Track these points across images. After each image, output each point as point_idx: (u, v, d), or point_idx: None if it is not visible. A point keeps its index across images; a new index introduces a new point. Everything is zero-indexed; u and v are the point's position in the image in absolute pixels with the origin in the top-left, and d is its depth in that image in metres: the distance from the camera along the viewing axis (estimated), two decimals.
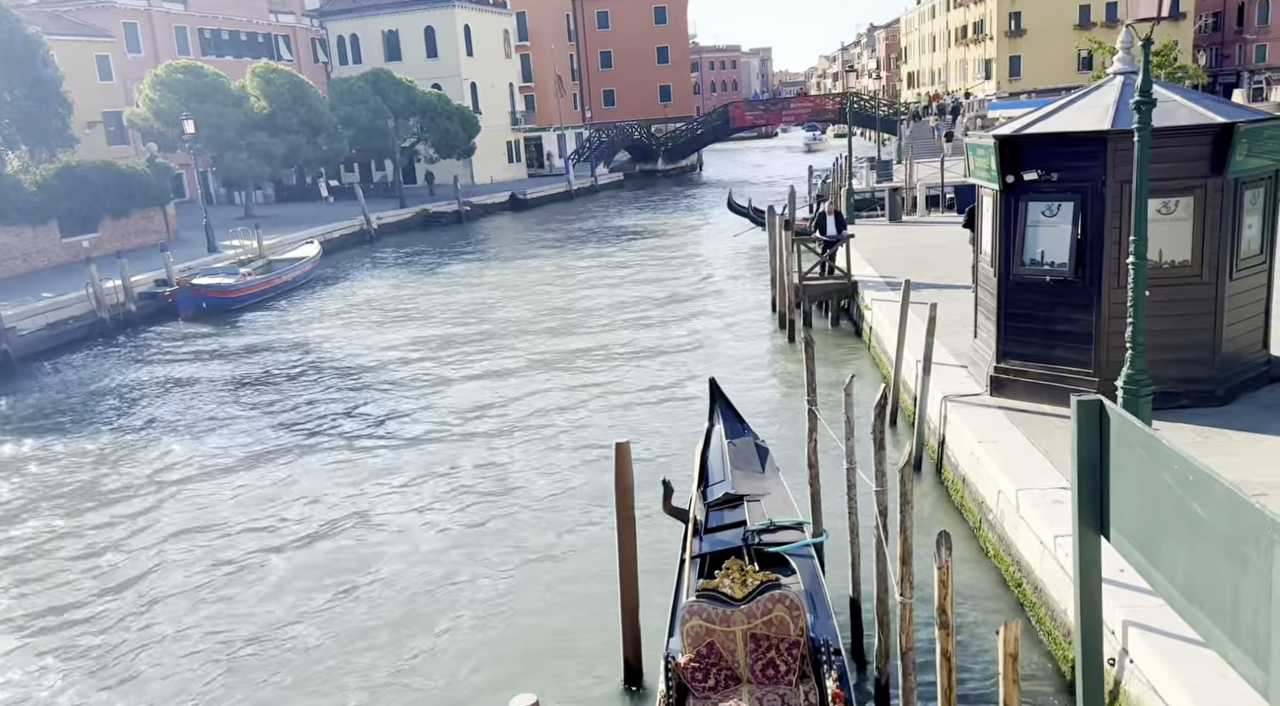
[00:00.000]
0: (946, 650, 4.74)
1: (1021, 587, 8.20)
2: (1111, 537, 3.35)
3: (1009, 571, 8.51)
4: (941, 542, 4.72)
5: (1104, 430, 3.20)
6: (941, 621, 4.75)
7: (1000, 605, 8.30)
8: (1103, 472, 3.24)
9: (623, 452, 7.43)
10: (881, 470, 6.48)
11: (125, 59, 46.04)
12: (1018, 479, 8.53)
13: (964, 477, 10.05)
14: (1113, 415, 3.18)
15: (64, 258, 29.64)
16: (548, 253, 34.71)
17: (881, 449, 6.48)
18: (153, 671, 8.42)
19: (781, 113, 69.49)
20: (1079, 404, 3.34)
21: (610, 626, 8.30)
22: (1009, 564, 8.52)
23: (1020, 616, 8.08)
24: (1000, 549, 8.76)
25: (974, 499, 9.66)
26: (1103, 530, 3.35)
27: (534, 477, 12.41)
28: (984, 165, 10.85)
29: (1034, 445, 9.35)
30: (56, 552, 11.03)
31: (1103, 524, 3.31)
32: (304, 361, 19.81)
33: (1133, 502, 3.09)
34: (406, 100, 49.29)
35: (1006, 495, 8.58)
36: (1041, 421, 9.97)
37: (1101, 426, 3.19)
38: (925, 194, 29.12)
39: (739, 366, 17.14)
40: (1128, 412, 3.18)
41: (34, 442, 15.37)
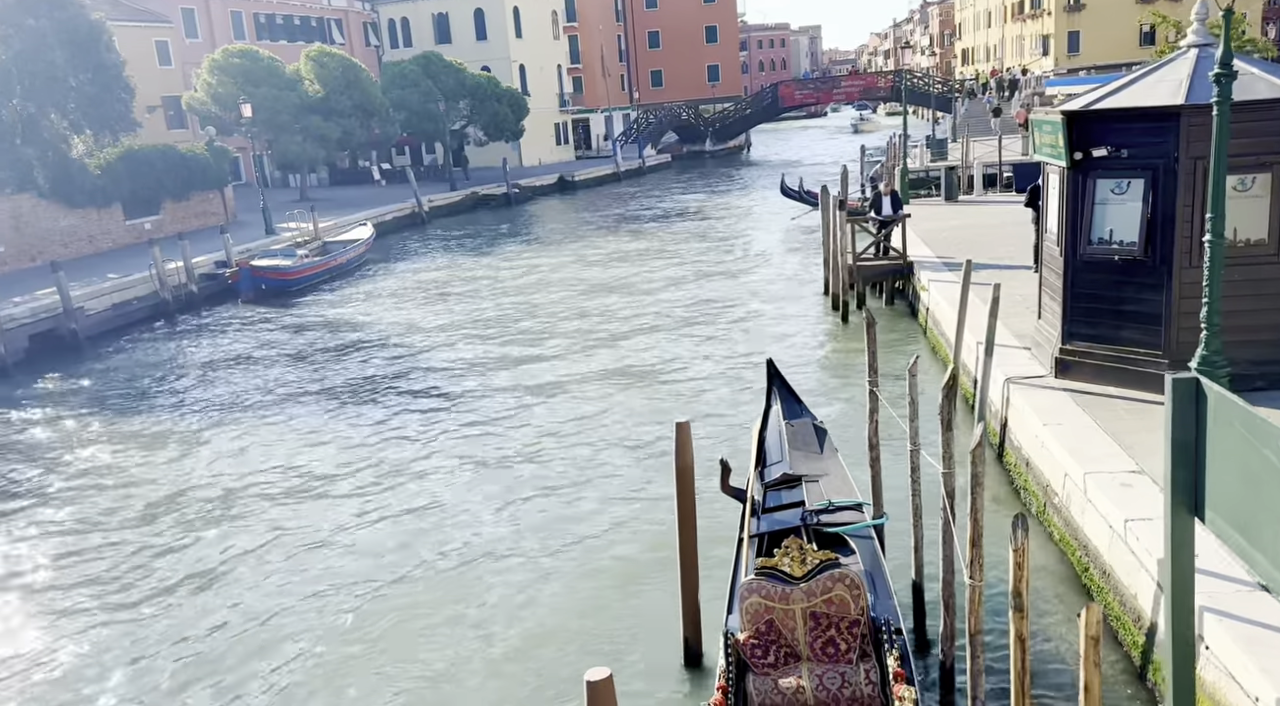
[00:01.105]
0: (1021, 633, 4.69)
1: (1088, 572, 8.06)
2: (1207, 519, 3.27)
3: (1075, 556, 8.37)
4: (1018, 525, 4.66)
5: (1200, 409, 3.12)
6: (1016, 604, 4.69)
7: (1065, 589, 8.18)
8: (1198, 453, 3.16)
9: (683, 432, 7.43)
10: (949, 452, 6.39)
11: (183, 44, 46.83)
12: (1085, 462, 8.37)
13: (1028, 461, 9.89)
14: (1210, 393, 3.09)
15: (127, 240, 30.37)
16: (597, 234, 34.74)
17: (949, 430, 6.40)
18: (223, 645, 8.66)
19: (832, 91, 68.61)
20: (1174, 382, 3.26)
21: (668, 603, 8.35)
22: (1075, 548, 8.38)
23: (1087, 600, 7.96)
24: (1066, 533, 8.61)
25: (1038, 482, 9.51)
26: (1197, 511, 3.28)
27: (590, 457, 12.48)
28: (1051, 142, 10.60)
29: (1101, 428, 9.16)
30: (122, 525, 11.36)
31: (1197, 505, 3.23)
32: (361, 341, 20.10)
33: (1231, 483, 3.01)
34: (456, 83, 49.52)
35: (1074, 479, 8.43)
36: (1108, 404, 9.77)
37: (1198, 405, 3.11)
38: (982, 173, 28.56)
39: (792, 347, 17.03)
40: (1225, 391, 3.09)
41: (104, 418, 15.81)
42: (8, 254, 26.39)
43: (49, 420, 16.05)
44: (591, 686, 4.14)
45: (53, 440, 14.96)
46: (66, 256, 26.78)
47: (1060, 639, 7.50)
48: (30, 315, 20.38)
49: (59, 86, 26.96)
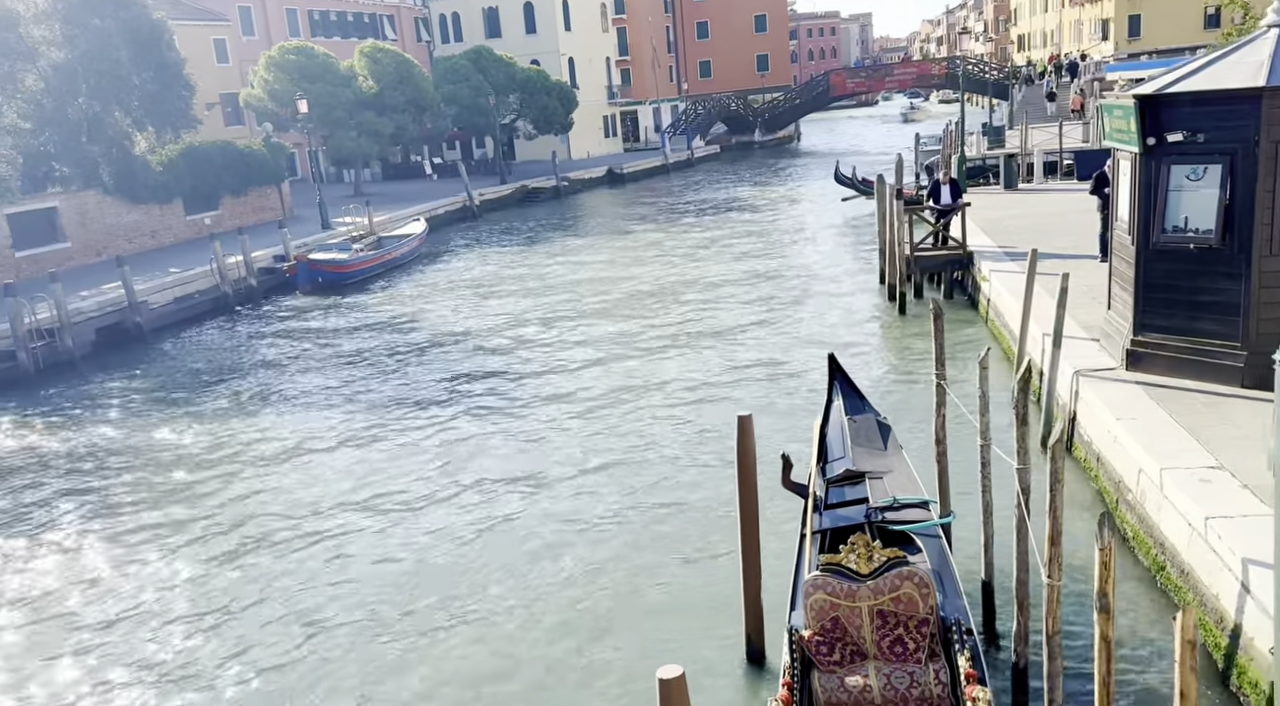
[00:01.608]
0: (1106, 635, 4.53)
1: (1164, 571, 7.81)
2: None
3: (1149, 554, 8.12)
4: (1104, 524, 4.49)
5: None
6: (1102, 605, 4.53)
7: (1139, 589, 7.93)
8: None
9: (745, 426, 7.34)
10: (1024, 447, 6.21)
11: (240, 41, 47.65)
12: (1161, 458, 8.10)
13: (1099, 456, 9.61)
14: None
15: (188, 234, 31.01)
16: (647, 227, 34.65)
17: (1024, 424, 6.21)
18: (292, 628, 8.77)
19: (884, 79, 67.57)
20: None
21: (729, 599, 8.27)
22: (1150, 547, 8.12)
23: (1163, 600, 7.71)
24: (1140, 531, 8.35)
25: (1110, 478, 9.24)
26: None
27: (647, 451, 12.43)
28: (1122, 127, 10.27)
29: (1177, 422, 8.86)
30: (182, 510, 11.58)
31: None
32: (415, 334, 20.27)
33: None
34: (506, 77, 49.72)
35: (1149, 475, 8.16)
36: (1184, 397, 9.45)
37: None
38: (1042, 160, 27.90)
39: (848, 340, 16.79)
40: None
41: (168, 408, 16.14)
42: (74, 249, 27.10)
43: (117, 411, 16.43)
44: (664, 684, 4.07)
45: (120, 430, 15.30)
46: (130, 251, 27.41)
47: (1137, 640, 7.28)
48: (97, 309, 20.89)
49: (123, 85, 27.60)
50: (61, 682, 8.28)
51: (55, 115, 27.03)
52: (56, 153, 28.06)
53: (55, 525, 11.68)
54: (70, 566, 10.50)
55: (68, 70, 26.65)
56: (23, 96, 26.85)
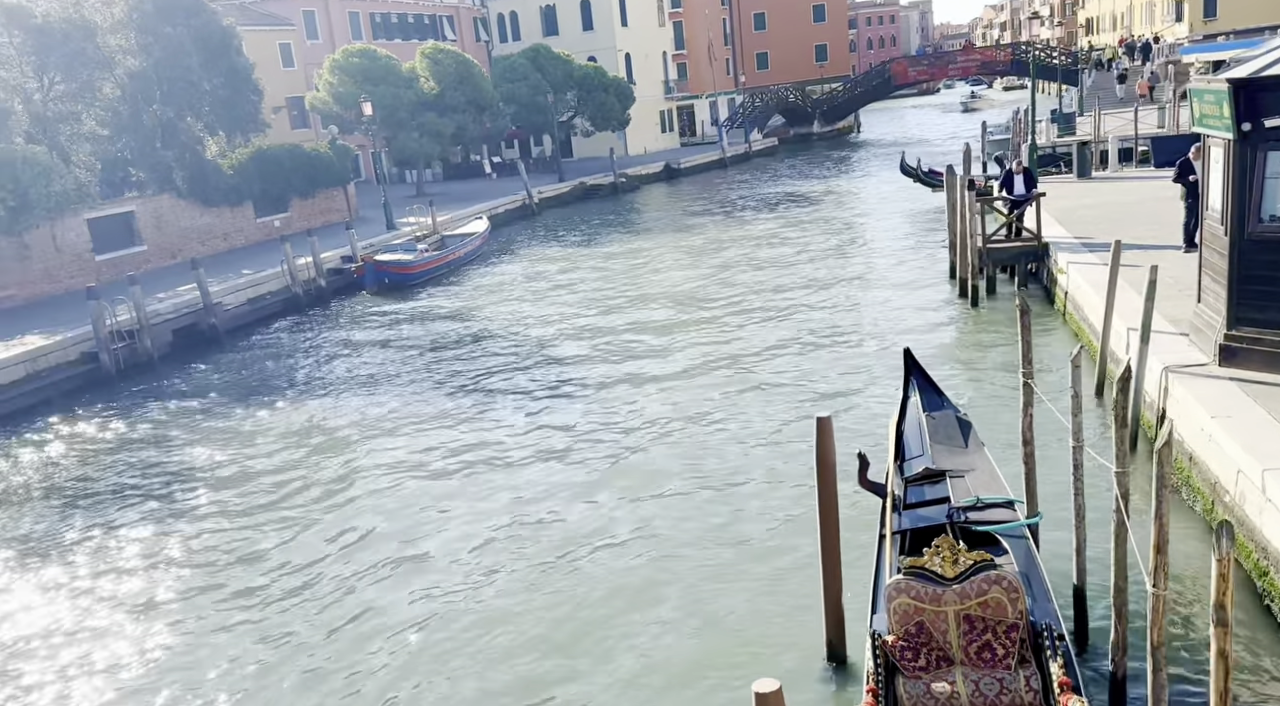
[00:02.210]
0: (1224, 649, 4.31)
1: (1267, 577, 7.46)
2: None
3: (1250, 558, 7.77)
4: (1223, 534, 4.27)
5: None
6: (1219, 618, 4.31)
7: (1240, 597, 7.59)
8: None
9: (824, 426, 7.18)
10: (1124, 449, 5.97)
11: (304, 45, 48.51)
12: (1263, 458, 7.73)
13: (1191, 456, 9.24)
14: None
15: (258, 237, 31.68)
16: (707, 223, 34.44)
17: (1124, 426, 5.97)
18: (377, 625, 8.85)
19: (947, 67, 66.20)
20: None
21: (807, 602, 8.14)
22: (1250, 551, 7.77)
23: (1260, 607, 7.38)
24: (1240, 534, 7.99)
25: (1205, 479, 8.87)
26: None
27: (718, 451, 12.31)
28: (1213, 112, 9.84)
29: (1278, 421, 8.46)
30: (265, 506, 11.78)
31: None
32: (482, 333, 20.41)
33: None
34: (564, 74, 49.86)
35: (1249, 476, 7.81)
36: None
37: None
38: (1117, 147, 27.04)
39: (919, 335, 16.44)
40: None
41: (245, 407, 16.47)
42: (150, 252, 27.85)
43: (196, 410, 16.82)
44: (761, 697, 3.98)
45: (200, 428, 15.66)
46: (203, 254, 28.08)
47: (1239, 650, 6.96)
48: (174, 311, 21.43)
49: (195, 91, 28.28)
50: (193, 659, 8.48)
51: (131, 122, 27.81)
52: (132, 158, 28.88)
53: (166, 515, 11.99)
54: (168, 555, 10.76)
55: (143, 78, 27.39)
56: (100, 104, 27.67)
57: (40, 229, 24.17)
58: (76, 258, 25.58)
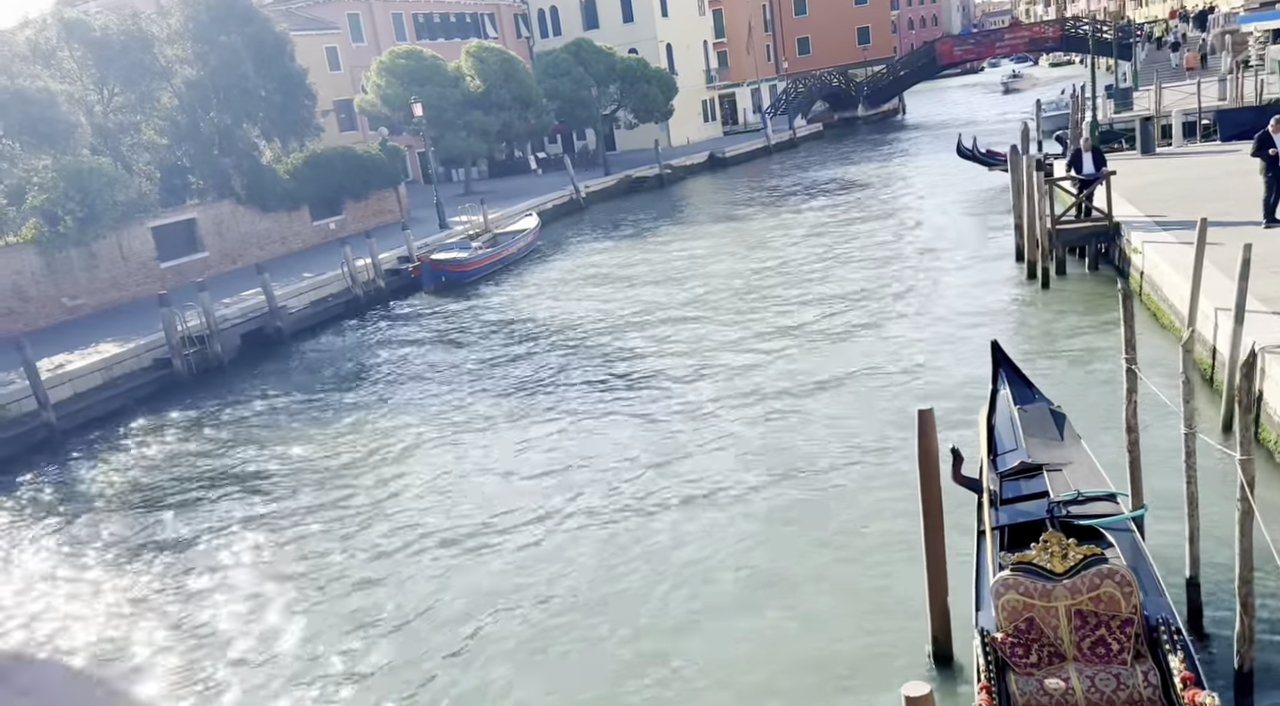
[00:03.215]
0: None
1: None
2: None
3: None
4: None
5: None
6: None
7: None
8: None
9: (926, 420, 7.07)
10: (1248, 436, 5.79)
11: (350, 48, 49.01)
12: None
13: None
14: None
15: (315, 240, 32.12)
16: (757, 212, 34.20)
17: (1247, 412, 5.79)
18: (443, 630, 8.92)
19: (994, 45, 64.89)
20: None
21: (908, 600, 8.04)
22: None
23: None
24: None
25: None
26: None
27: (800, 446, 12.19)
28: None
29: None
30: (340, 504, 11.94)
31: None
32: (540, 329, 20.48)
33: None
34: (606, 68, 49.79)
35: None
36: None
37: None
38: (1181, 121, 26.31)
39: (992, 321, 16.17)
40: None
41: (316, 407, 16.72)
42: (212, 258, 28.36)
43: (269, 411, 17.11)
44: (911, 701, 3.92)
45: (275, 429, 15.92)
46: (263, 258, 28.53)
47: None
48: (240, 316, 21.81)
49: (250, 97, 28.71)
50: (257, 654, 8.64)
51: (189, 130, 28.32)
52: (191, 166, 29.42)
53: (254, 514, 12.22)
54: (249, 556, 10.96)
55: (199, 86, 27.87)
56: (159, 114, 28.20)
57: (107, 238, 24.72)
58: (142, 265, 26.13)
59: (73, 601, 10.68)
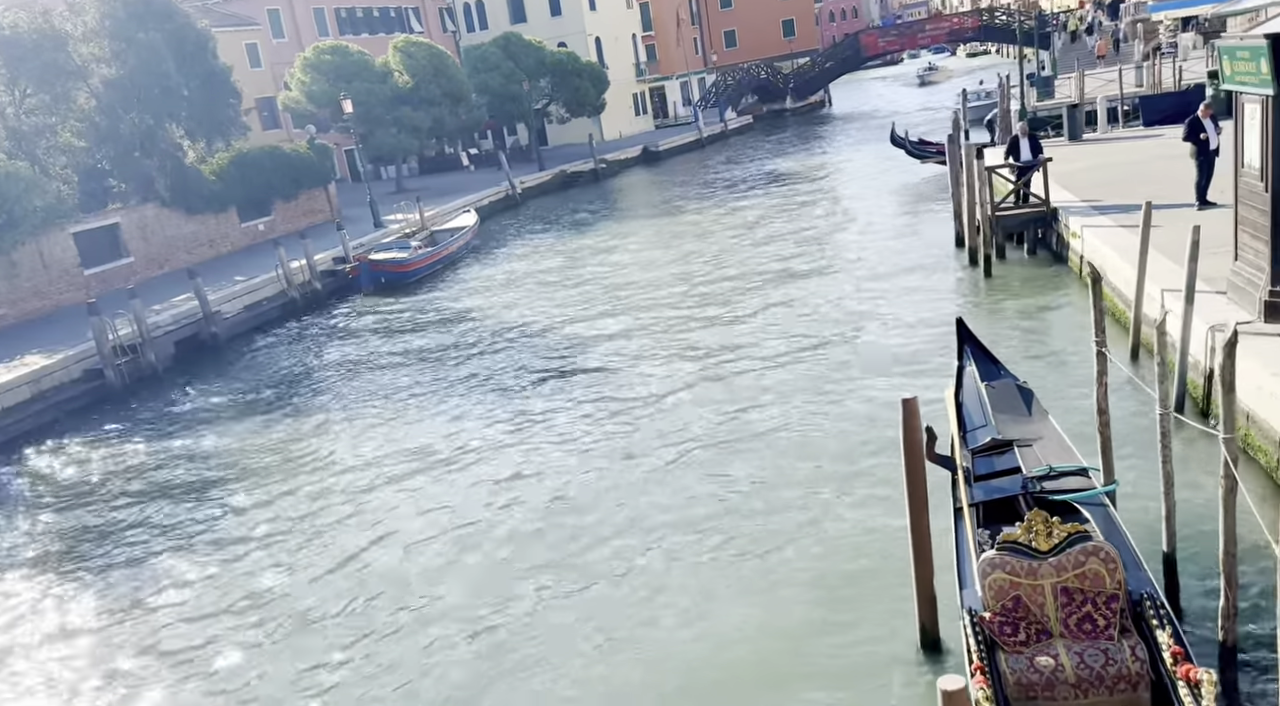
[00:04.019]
0: None
1: None
2: None
3: None
4: None
5: None
6: None
7: None
8: None
9: (910, 408, 7.10)
10: (1231, 414, 5.93)
11: (271, 45, 47.66)
12: None
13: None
14: None
15: (243, 242, 31.17)
16: (695, 204, 34.29)
17: (1231, 392, 5.92)
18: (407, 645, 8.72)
19: (916, 35, 66.25)
20: None
21: (888, 583, 8.10)
22: None
23: None
24: None
25: (1267, 438, 8.89)
26: None
27: (755, 438, 12.19)
28: (1249, 69, 9.80)
29: None
30: (275, 514, 11.58)
31: None
32: (488, 328, 20.19)
33: None
34: (537, 62, 49.38)
35: None
36: None
37: None
38: (1105, 107, 27.14)
39: (939, 307, 16.42)
40: None
41: (256, 417, 16.19)
42: (138, 263, 27.31)
43: (207, 421, 16.51)
44: (947, 695, 3.91)
45: (215, 440, 15.37)
46: (191, 262, 27.55)
47: None
48: (173, 322, 21.04)
49: (172, 97, 27.66)
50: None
51: (109, 131, 27.18)
52: (112, 168, 28.27)
53: (171, 534, 11.75)
54: (179, 573, 10.56)
55: (119, 86, 26.75)
56: (76, 115, 27.02)
57: (26, 245, 23.62)
58: (64, 273, 25.04)
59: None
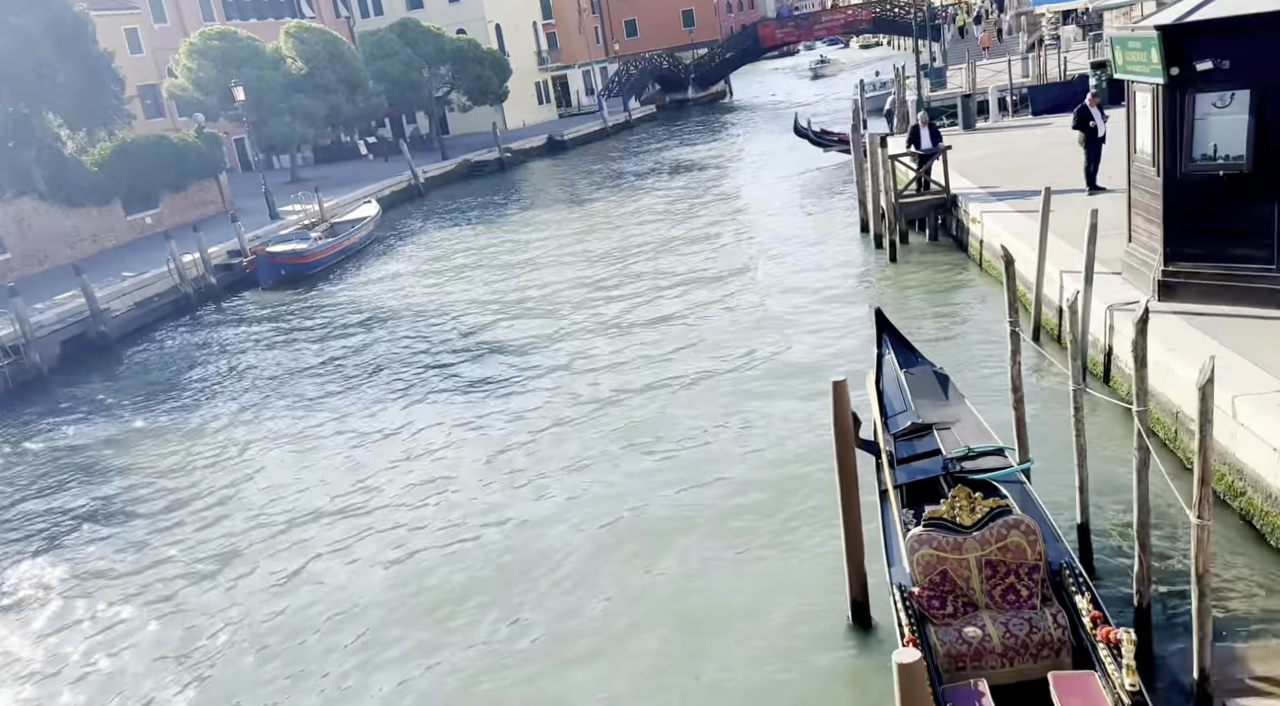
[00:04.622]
0: None
1: (1244, 496, 7.94)
2: None
3: (1224, 481, 8.24)
4: None
5: None
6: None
7: (1218, 513, 8.04)
8: None
9: (840, 390, 7.19)
10: (1144, 388, 6.20)
11: (153, 29, 45.47)
12: (1229, 386, 8.18)
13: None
14: None
15: (129, 236, 29.71)
16: (602, 193, 34.21)
17: (1143, 366, 6.18)
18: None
19: (813, 27, 67.43)
20: None
21: (812, 564, 8.24)
22: (1224, 473, 8.24)
23: (1241, 524, 7.86)
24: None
25: (1164, 410, 9.34)
26: None
27: (672, 428, 12.21)
28: (1140, 58, 10.26)
29: (1230, 349, 8.97)
30: (173, 522, 11.11)
31: None
32: (391, 322, 19.71)
33: None
34: (436, 49, 48.41)
35: (1218, 404, 8.23)
36: (1227, 324, 9.58)
37: None
38: (996, 97, 28.13)
39: (849, 292, 16.77)
40: None
41: (149, 421, 15.46)
42: (15, 260, 25.73)
43: (98, 426, 15.68)
44: (903, 668, 3.97)
45: (105, 443, 14.61)
46: (73, 258, 26.10)
47: (1219, 564, 7.39)
48: (59, 321, 19.90)
49: (48, 84, 26.09)
50: None
51: None
52: None
53: (54, 544, 11.12)
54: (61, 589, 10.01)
55: None
56: None
57: None
58: None
59: None
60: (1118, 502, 8.26)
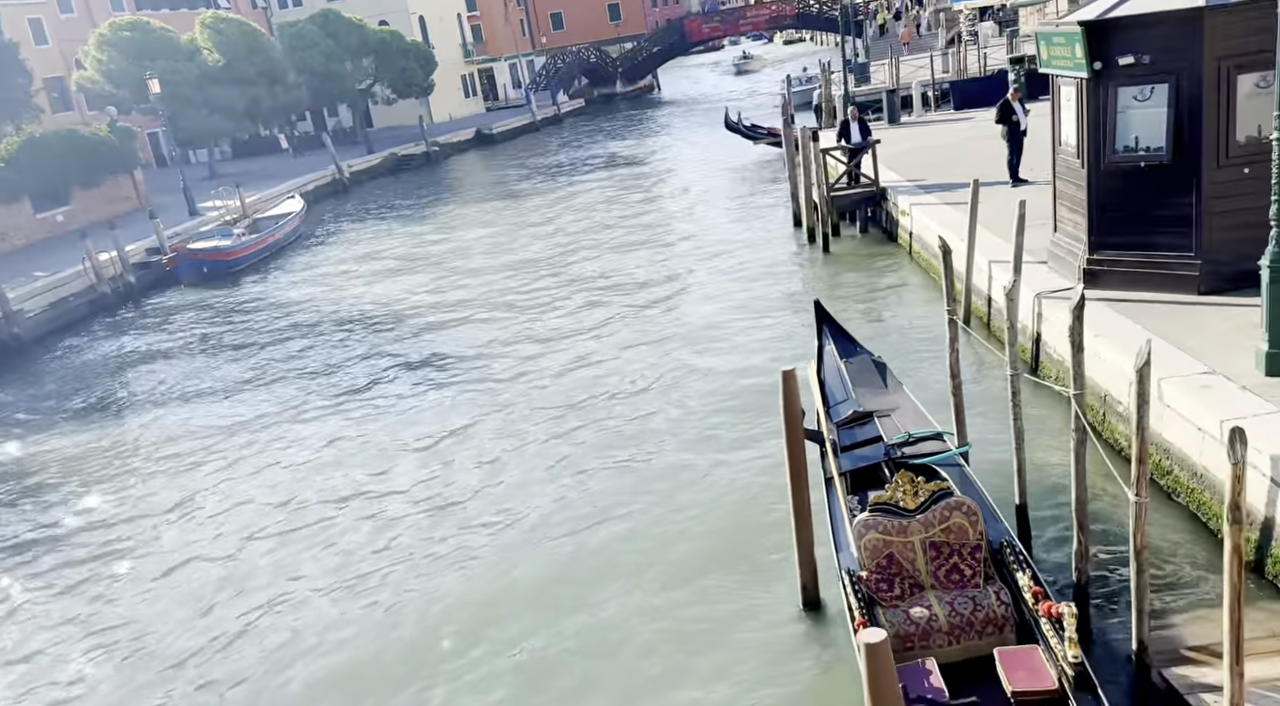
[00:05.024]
0: (1238, 544, 4.73)
1: (1171, 475, 8.26)
2: None
3: (1152, 461, 8.54)
4: (1235, 440, 4.67)
5: None
6: (1234, 517, 4.73)
7: None
8: None
9: (789, 380, 7.28)
10: (1080, 372, 6.39)
11: (59, 20, 43.71)
12: (1155, 369, 8.41)
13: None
14: None
15: (39, 234, 28.51)
16: (533, 188, 33.97)
17: (1080, 351, 6.38)
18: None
19: (739, 22, 67.93)
20: None
21: (762, 552, 8.32)
22: (1151, 453, 8.53)
23: (1169, 502, 8.17)
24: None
25: (1094, 393, 9.65)
26: None
27: (615, 424, 12.22)
28: (1064, 53, 10.58)
29: (1152, 333, 9.31)
30: (95, 532, 10.74)
31: None
32: (321, 319, 19.30)
33: None
34: (359, 40, 47.48)
35: None
36: (1149, 309, 9.95)
37: None
38: (920, 92, 28.73)
39: (784, 285, 16.95)
40: None
41: (69, 425, 14.87)
42: None
43: (14, 432, 15.01)
44: (870, 648, 4.03)
45: (21, 453, 13.99)
46: None
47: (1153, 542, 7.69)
48: None
49: None
50: None
51: None
52: None
53: None
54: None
55: None
56: None
57: None
58: None
59: None
60: (1053, 483, 8.52)
